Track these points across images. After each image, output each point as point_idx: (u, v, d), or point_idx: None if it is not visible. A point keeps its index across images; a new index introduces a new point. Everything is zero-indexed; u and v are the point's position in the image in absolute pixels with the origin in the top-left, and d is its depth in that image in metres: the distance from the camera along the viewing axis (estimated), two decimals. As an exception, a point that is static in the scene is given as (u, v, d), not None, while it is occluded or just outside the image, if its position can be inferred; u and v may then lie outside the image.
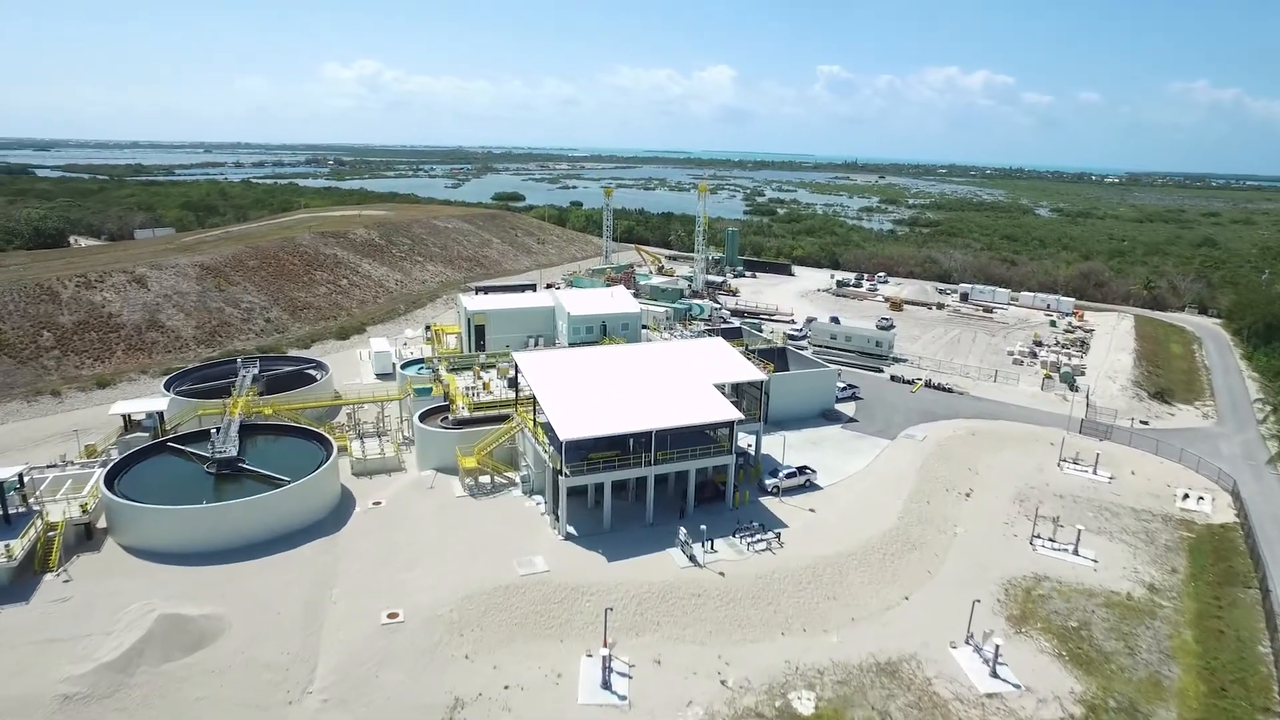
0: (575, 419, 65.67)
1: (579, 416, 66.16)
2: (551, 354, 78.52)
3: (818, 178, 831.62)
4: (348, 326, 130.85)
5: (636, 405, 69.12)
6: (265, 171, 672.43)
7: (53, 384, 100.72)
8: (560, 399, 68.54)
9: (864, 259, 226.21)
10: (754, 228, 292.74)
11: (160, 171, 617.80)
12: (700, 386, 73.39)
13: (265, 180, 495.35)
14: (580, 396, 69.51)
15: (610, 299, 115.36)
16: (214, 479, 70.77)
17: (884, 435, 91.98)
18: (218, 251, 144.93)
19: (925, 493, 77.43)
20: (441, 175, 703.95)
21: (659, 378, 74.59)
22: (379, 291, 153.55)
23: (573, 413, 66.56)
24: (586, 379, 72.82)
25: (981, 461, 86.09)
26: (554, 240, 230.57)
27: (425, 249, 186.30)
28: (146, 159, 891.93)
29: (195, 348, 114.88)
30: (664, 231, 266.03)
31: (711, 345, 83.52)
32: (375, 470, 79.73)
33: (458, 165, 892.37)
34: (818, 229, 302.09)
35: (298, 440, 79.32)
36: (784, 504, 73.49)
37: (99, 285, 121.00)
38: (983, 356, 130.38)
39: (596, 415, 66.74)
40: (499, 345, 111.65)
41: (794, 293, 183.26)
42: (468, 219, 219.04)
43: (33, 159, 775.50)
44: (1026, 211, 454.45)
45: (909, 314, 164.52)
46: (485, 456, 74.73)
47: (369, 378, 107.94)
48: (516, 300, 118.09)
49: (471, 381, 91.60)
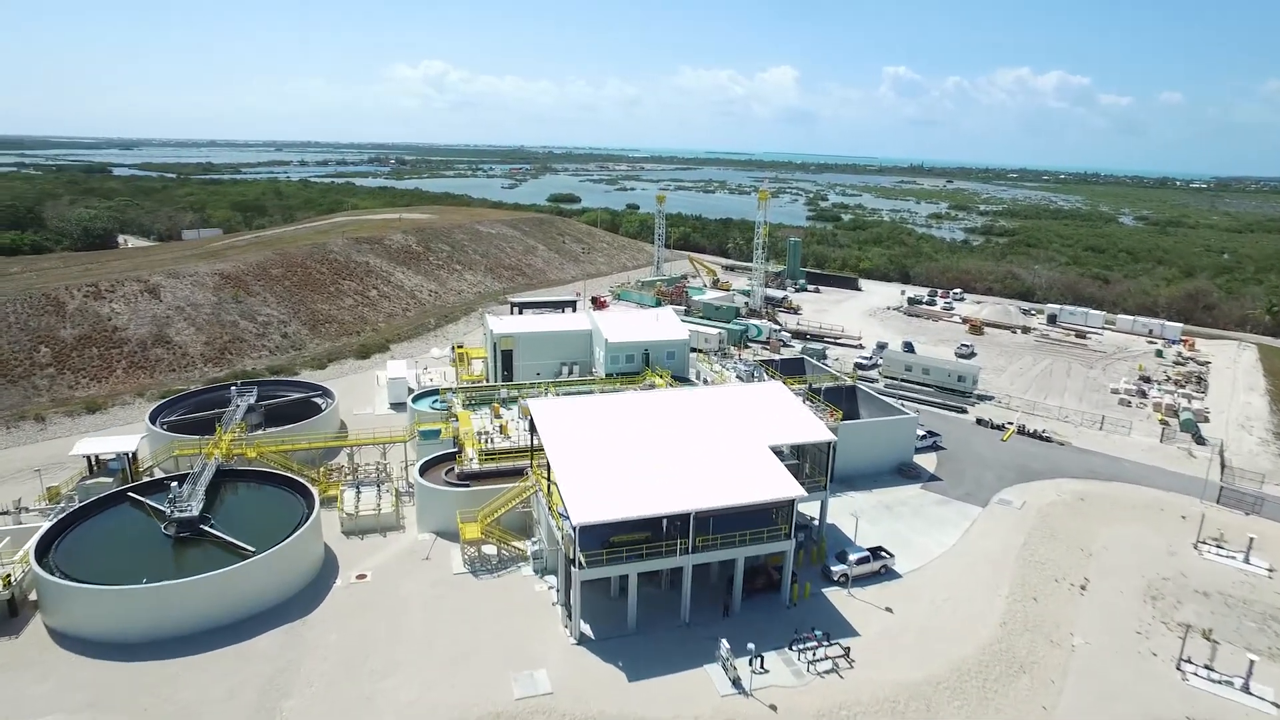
0: (595, 494, 52.59)
1: (600, 491, 53.06)
2: (573, 403, 65.56)
3: (883, 181, 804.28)
4: (370, 344, 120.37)
5: (673, 474, 55.69)
6: (327, 170, 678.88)
7: (39, 407, 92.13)
8: (578, 465, 55.57)
9: (937, 273, 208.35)
10: (817, 236, 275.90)
11: (227, 170, 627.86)
12: (754, 449, 59.59)
13: (323, 180, 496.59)
14: (603, 461, 56.42)
15: (655, 323, 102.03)
16: (172, 542, 59.86)
17: (973, 499, 76.63)
18: (242, 258, 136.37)
19: (1030, 585, 62.19)
20: (500, 175, 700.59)
21: (703, 436, 60.98)
22: (410, 303, 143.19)
23: (592, 485, 53.49)
24: (613, 436, 59.67)
25: (1096, 540, 70.18)
26: (603, 248, 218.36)
27: (465, 256, 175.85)
28: (219, 157, 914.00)
29: (201, 366, 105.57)
30: (721, 239, 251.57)
31: (769, 393, 69.39)
32: (368, 529, 68.08)
33: (517, 165, 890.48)
34: (885, 238, 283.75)
35: (281, 492, 68.05)
36: (854, 598, 59.21)
37: (109, 295, 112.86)
38: (1081, 394, 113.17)
39: (622, 489, 53.53)
40: (528, 373, 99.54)
41: (861, 311, 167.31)
42: (513, 224, 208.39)
43: (114, 158, 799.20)
44: (1109, 220, 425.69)
45: (990, 339, 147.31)
46: (491, 525, 62.30)
47: (382, 408, 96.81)
48: (549, 322, 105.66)
49: (489, 422, 79.35)
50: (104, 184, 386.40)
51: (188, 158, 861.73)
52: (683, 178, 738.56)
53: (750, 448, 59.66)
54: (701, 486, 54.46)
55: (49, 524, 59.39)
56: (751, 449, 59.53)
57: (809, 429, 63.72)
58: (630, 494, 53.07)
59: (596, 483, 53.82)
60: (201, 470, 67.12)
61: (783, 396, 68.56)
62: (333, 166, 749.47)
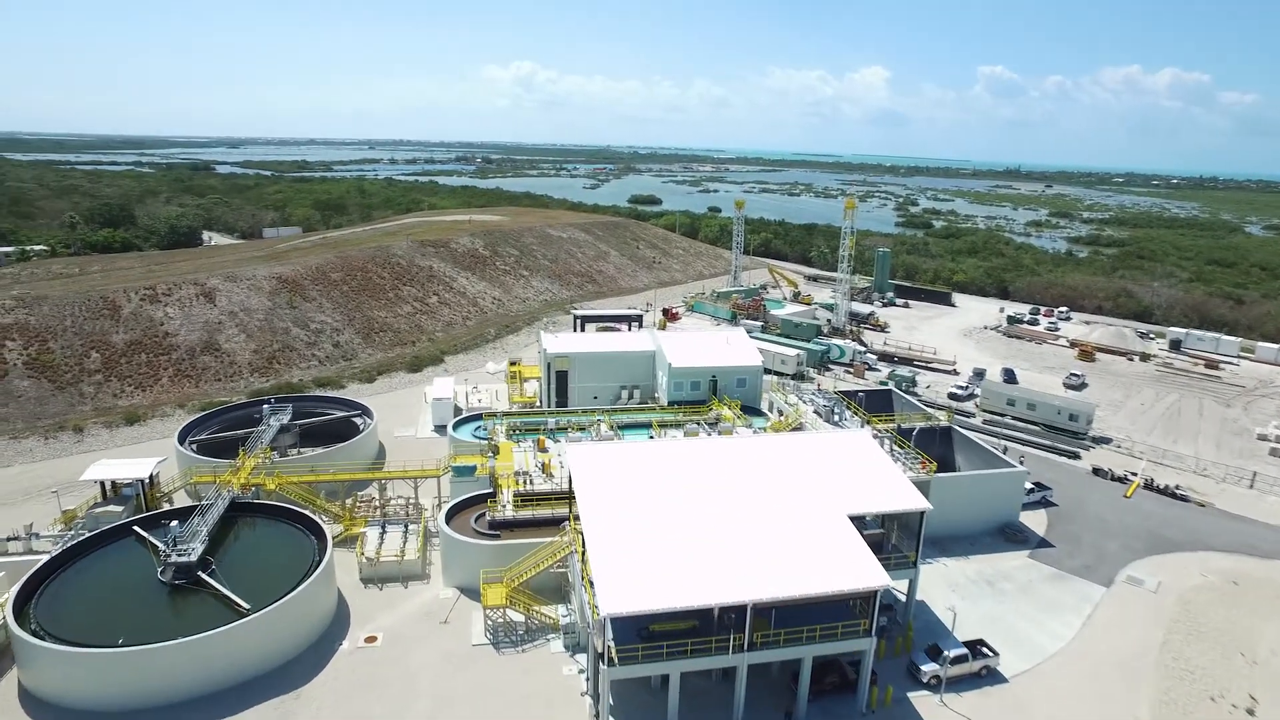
0: (633, 574, 43.47)
1: (640, 569, 43.91)
2: (619, 452, 56.48)
3: (977, 185, 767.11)
4: (423, 355, 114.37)
5: (730, 549, 46.10)
6: (415, 169, 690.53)
7: (81, 417, 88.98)
8: (617, 533, 46.59)
9: (1039, 288, 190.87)
10: (906, 244, 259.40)
11: (320, 167, 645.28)
12: (831, 519, 49.40)
13: (408, 178, 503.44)
14: (647, 529, 47.25)
15: (725, 347, 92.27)
16: (168, 590, 53.70)
17: (1094, 575, 64.07)
18: (303, 261, 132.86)
19: (1178, 702, 49.93)
20: (583, 175, 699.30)
21: (770, 498, 51.09)
22: (470, 311, 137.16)
23: (631, 561, 44.39)
24: (662, 497, 50.43)
25: (1262, 641, 56.90)
26: (679, 254, 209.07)
27: (533, 261, 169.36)
28: (315, 155, 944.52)
29: (247, 376, 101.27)
30: (804, 246, 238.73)
31: (852, 445, 58.76)
32: (388, 578, 60.89)
33: (600, 165, 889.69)
34: (981, 248, 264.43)
35: (295, 532, 61.42)
36: (946, 708, 48.35)
37: (164, 299, 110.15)
38: (1219, 439, 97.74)
39: (667, 567, 44.26)
40: (585, 397, 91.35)
41: (955, 330, 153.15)
42: (585, 227, 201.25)
43: (219, 155, 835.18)
44: (1233, 229, 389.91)
45: (1103, 366, 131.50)
46: (517, 589, 53.99)
47: (425, 430, 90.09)
48: (609, 341, 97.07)
49: (532, 457, 71.17)
50: (204, 181, 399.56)
51: (286, 155, 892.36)
52: (767, 180, 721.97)
53: (826, 517, 49.44)
54: (763, 568, 44.63)
55: (33, 569, 53.89)
56: (828, 518, 49.30)
57: (899, 495, 52.96)
58: (676, 574, 43.68)
59: (636, 558, 44.67)
60: (212, 504, 61.13)
61: (867, 450, 57.91)
62: (420, 165, 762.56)
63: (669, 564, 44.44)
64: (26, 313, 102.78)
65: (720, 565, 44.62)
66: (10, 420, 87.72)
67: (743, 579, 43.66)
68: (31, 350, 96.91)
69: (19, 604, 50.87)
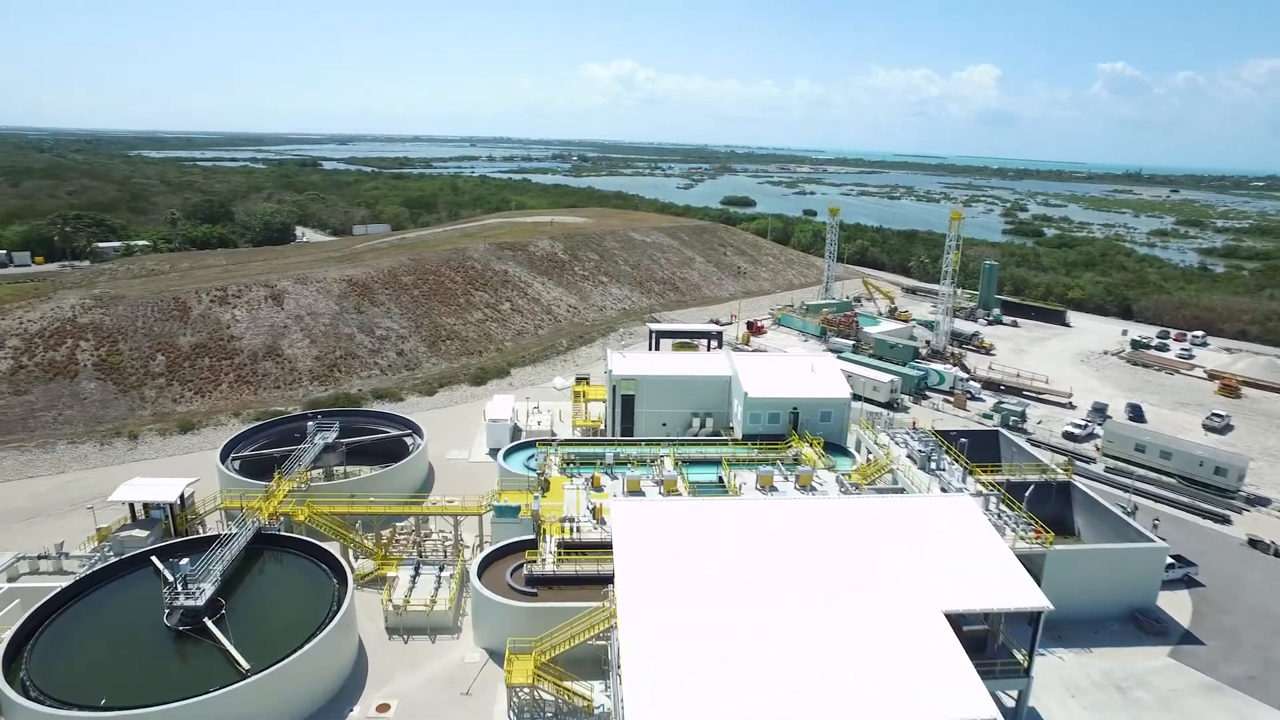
0: (668, 681, 35.55)
1: (676, 675, 35.95)
2: (667, 512, 48.47)
3: (1092, 190, 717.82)
4: (489, 368, 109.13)
5: (790, 655, 37.58)
6: (511, 166, 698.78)
7: (138, 422, 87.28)
8: (652, 623, 38.82)
9: (1168, 308, 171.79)
10: (1015, 255, 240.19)
11: (419, 164, 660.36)
12: (923, 618, 40.18)
13: (502, 176, 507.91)
14: (691, 617, 39.26)
15: (808, 375, 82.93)
16: (173, 636, 49.03)
17: (1264, 692, 51.40)
18: (376, 263, 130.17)
19: None
20: (677, 175, 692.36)
21: (846, 585, 42.19)
22: (543, 320, 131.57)
23: (666, 663, 36.48)
24: (717, 574, 42.31)
25: None
26: (769, 261, 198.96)
27: (613, 266, 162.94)
28: (420, 151, 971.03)
29: (307, 384, 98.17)
30: (903, 255, 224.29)
31: (951, 514, 48.99)
32: (416, 629, 54.91)
33: (696, 165, 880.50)
34: (1099, 260, 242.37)
35: (319, 572, 56.07)
36: None
37: (234, 301, 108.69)
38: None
39: (709, 674, 36.12)
40: (652, 424, 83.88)
41: (1070, 354, 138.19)
42: (671, 232, 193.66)
43: (328, 152, 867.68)
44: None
45: (1251, 405, 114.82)
46: (547, 664, 46.81)
47: (480, 453, 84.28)
48: (681, 364, 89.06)
49: (584, 497, 64.05)
50: (307, 178, 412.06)
51: (390, 152, 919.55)
52: (866, 182, 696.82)
53: (917, 614, 40.22)
54: (833, 685, 35.94)
55: (40, 603, 50.23)
56: (919, 617, 40.08)
57: (1010, 587, 43.08)
58: (722, 686, 35.51)
59: (676, 658, 36.72)
60: (234, 536, 56.50)
61: (971, 522, 48.11)
62: (517, 163, 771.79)
63: (714, 670, 36.26)
64: (103, 312, 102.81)
65: (778, 676, 36.13)
66: (73, 423, 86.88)
67: (806, 701, 35.07)
68: (102, 351, 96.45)
69: (21, 639, 47.39)
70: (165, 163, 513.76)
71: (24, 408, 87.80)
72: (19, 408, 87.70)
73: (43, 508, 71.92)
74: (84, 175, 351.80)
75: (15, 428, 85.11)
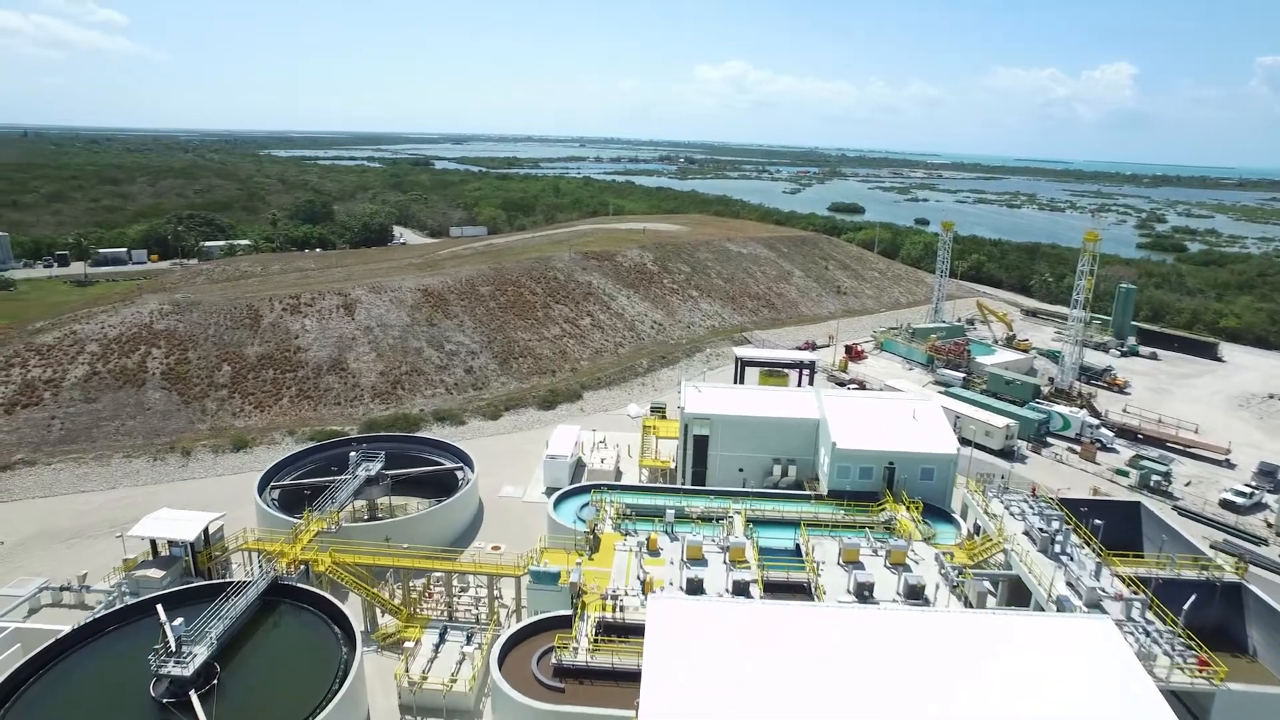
0: None
1: None
2: (714, 616, 39.36)
3: (1244, 198, 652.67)
4: (560, 390, 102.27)
5: None
6: (617, 168, 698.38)
7: (194, 436, 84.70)
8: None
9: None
10: (1153, 274, 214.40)
11: (527, 164, 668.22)
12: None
13: (606, 177, 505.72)
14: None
15: (910, 422, 71.76)
16: (157, 708, 43.62)
17: None
18: (456, 272, 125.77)
19: None
20: (785, 179, 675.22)
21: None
22: (625, 337, 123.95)
23: None
24: (761, 705, 33.04)
25: None
26: (873, 277, 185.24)
27: (705, 280, 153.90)
28: (529, 151, 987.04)
29: (368, 402, 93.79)
30: (1023, 272, 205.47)
31: (1080, 642, 37.88)
32: (430, 710, 47.96)
33: (805, 168, 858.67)
34: (1257, 281, 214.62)
35: (332, 634, 49.90)
36: None
37: (306, 310, 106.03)
38: None
39: None
40: (728, 469, 74.72)
41: (1224, 397, 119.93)
42: (769, 243, 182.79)
43: (442, 151, 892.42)
44: None
45: None
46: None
47: (535, 491, 77.13)
48: (762, 402, 79.08)
49: (636, 563, 55.68)
50: (415, 178, 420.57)
51: (500, 152, 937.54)
52: (985, 189, 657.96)
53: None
54: None
55: (34, 653, 45.92)
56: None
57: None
58: None
59: None
60: (245, 588, 51.04)
61: (1109, 654, 36.95)
62: (623, 164, 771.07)
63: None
64: (178, 319, 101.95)
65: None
66: (132, 435, 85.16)
67: None
68: (171, 359, 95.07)
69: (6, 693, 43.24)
70: (287, 162, 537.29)
71: (91, 416, 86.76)
72: (86, 416, 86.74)
73: (84, 528, 69.47)
74: (214, 174, 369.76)
75: (80, 437, 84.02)
